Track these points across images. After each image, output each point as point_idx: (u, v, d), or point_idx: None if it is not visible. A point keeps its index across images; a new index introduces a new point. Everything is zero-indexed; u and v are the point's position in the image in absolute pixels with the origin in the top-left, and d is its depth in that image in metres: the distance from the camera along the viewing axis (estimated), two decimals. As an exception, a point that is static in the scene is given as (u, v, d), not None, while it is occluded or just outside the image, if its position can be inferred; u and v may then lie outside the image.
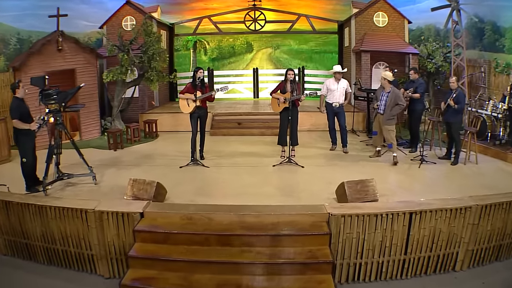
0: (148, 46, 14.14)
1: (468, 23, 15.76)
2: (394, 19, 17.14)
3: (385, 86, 10.94)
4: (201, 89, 10.66)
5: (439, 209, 6.37)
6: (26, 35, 16.74)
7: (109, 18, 17.42)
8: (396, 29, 17.16)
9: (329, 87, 11.93)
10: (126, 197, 7.85)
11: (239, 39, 22.43)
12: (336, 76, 11.89)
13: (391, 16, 17.10)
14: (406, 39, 17.14)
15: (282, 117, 11.08)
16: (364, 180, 7.91)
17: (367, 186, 7.84)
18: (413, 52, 16.12)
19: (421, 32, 18.46)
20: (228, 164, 11.00)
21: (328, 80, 12.15)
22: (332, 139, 12.37)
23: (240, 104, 18.34)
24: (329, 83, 11.98)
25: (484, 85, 14.32)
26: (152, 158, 11.76)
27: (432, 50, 16.40)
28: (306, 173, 10.05)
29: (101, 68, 15.54)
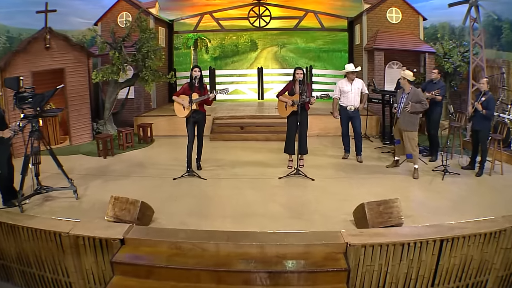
0: (143, 43, 13.12)
1: (485, 21, 14.81)
2: (408, 16, 16.35)
3: (405, 87, 9.75)
4: (199, 90, 9.54)
5: (472, 234, 5.43)
6: (16, 33, 16.06)
7: (103, 14, 16.70)
8: (411, 26, 16.36)
9: (342, 89, 10.80)
10: (106, 218, 6.88)
11: (243, 37, 21.47)
12: (349, 76, 10.76)
13: (405, 13, 16.32)
14: (421, 36, 16.30)
15: (289, 122, 9.93)
16: (388, 200, 6.76)
17: (391, 207, 6.71)
18: (430, 51, 15.25)
19: (435, 30, 17.67)
20: (228, 175, 9.82)
21: (341, 81, 11.02)
22: (345, 147, 11.24)
23: (244, 106, 17.16)
24: (342, 84, 10.85)
25: (505, 87, 13.44)
26: (144, 167, 10.65)
27: (449, 49, 15.46)
28: (316, 188, 8.85)
29: (94, 67, 14.61)
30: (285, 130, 10.32)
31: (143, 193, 8.18)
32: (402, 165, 10.24)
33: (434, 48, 15.54)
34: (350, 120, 10.87)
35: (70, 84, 12.87)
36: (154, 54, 13.23)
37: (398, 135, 9.94)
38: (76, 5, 17.37)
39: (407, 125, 9.50)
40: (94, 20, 16.84)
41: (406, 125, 9.51)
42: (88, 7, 17.62)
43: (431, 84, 10.91)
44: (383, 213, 6.61)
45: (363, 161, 10.79)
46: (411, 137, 9.52)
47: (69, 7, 16.63)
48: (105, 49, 13.23)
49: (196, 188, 8.89)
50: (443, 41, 15.91)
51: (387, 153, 11.59)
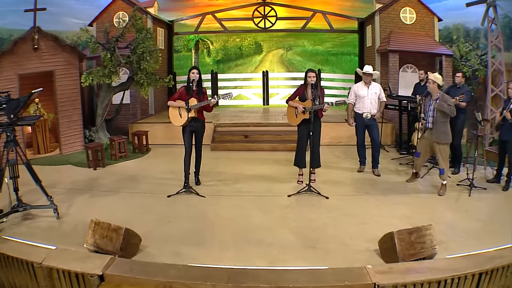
0: (138, 44, 12.08)
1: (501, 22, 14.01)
2: (423, 16, 15.50)
3: (434, 92, 8.60)
4: (197, 95, 8.47)
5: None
6: (7, 34, 15.60)
7: (99, 14, 15.86)
8: (425, 27, 15.52)
9: (357, 93, 9.73)
10: (86, 245, 5.86)
11: (247, 39, 20.82)
12: (365, 79, 9.66)
13: (420, 13, 15.47)
14: (436, 38, 15.44)
15: (300, 132, 8.88)
16: (420, 227, 5.72)
17: (423, 235, 5.68)
18: (447, 54, 14.38)
19: (448, 32, 17.06)
20: (230, 192, 8.66)
21: (356, 85, 9.95)
22: (360, 158, 10.14)
23: (248, 113, 16.08)
24: (357, 88, 9.77)
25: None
26: (136, 181, 9.58)
27: (465, 52, 14.68)
28: (332, 208, 7.72)
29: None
30: (294, 139, 9.47)
31: (132, 213, 7.37)
32: (424, 179, 9.38)
33: (451, 50, 14.72)
34: (366, 128, 9.81)
35: (60, 88, 11.98)
36: (150, 56, 12.20)
37: (422, 148, 8.87)
38: (71, 5, 16.84)
39: (440, 137, 8.45)
40: (89, 20, 15.99)
41: (439, 137, 8.45)
42: (83, 7, 17.05)
43: (455, 89, 9.88)
44: (415, 243, 5.59)
45: (381, 175, 9.75)
46: (443, 150, 8.52)
47: (63, 7, 16.26)
48: (97, 50, 12.28)
49: (193, 207, 7.76)
50: (459, 43, 15.15)
51: (406, 165, 10.61)
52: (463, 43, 15.06)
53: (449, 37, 16.67)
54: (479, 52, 14.56)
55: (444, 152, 8.50)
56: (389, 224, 6.66)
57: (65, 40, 12.19)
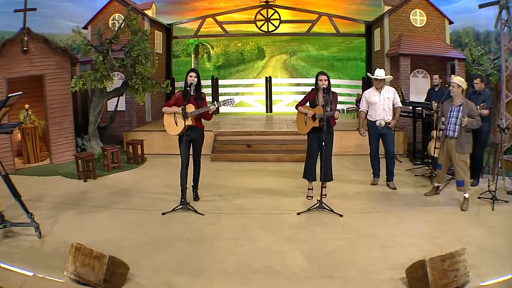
0: (132, 46, 11.31)
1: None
2: (433, 19, 14.93)
3: (457, 97, 7.82)
4: (195, 101, 7.65)
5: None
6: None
7: (94, 16, 15.22)
8: (436, 30, 14.94)
9: (368, 99, 8.92)
10: (66, 273, 5.07)
11: (249, 44, 20.30)
12: (377, 84, 8.87)
13: (430, 15, 14.90)
14: (447, 41, 14.84)
15: (310, 141, 8.11)
16: (453, 253, 4.99)
17: (457, 262, 4.97)
18: (460, 57, 13.81)
19: (458, 35, 16.76)
20: (232, 209, 7.82)
21: (367, 91, 9.15)
22: (374, 170, 9.33)
23: (250, 120, 15.32)
24: (369, 94, 8.98)
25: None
26: (129, 195, 8.75)
27: (478, 56, 14.24)
28: (347, 227, 6.89)
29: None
30: (301, 149, 9.38)
31: (122, 233, 6.59)
32: (442, 192, 8.57)
33: (463, 54, 14.16)
34: (380, 138, 9.00)
35: (51, 94, 11.28)
36: (145, 59, 11.45)
37: (443, 158, 8.12)
38: (65, 7, 16.53)
39: (463, 147, 7.73)
40: (84, 23, 15.31)
41: (462, 147, 7.73)
42: (78, 10, 16.58)
43: (475, 95, 9.07)
44: (448, 271, 4.84)
45: (397, 188, 8.96)
46: (464, 160, 7.79)
47: (57, 9, 16.02)
48: (89, 52, 11.55)
49: (191, 227, 6.90)
50: (471, 47, 14.76)
51: (422, 177, 9.84)
52: (474, 46, 14.65)
53: (459, 41, 16.45)
54: (492, 56, 14.14)
55: (465, 163, 7.80)
56: (412, 245, 6.04)
57: (56, 43, 11.54)
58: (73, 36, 14.89)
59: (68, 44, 15.34)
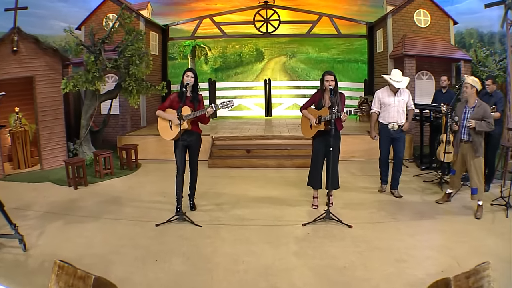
0: (126, 46, 10.76)
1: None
2: (438, 19, 14.61)
3: (471, 98, 7.36)
4: (192, 103, 7.12)
5: None
6: None
7: (88, 16, 14.80)
8: (440, 30, 14.65)
9: (382, 101, 8.27)
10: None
11: (247, 46, 19.63)
12: (393, 88, 8.16)
13: (434, 15, 14.58)
14: (452, 42, 14.52)
15: (316, 146, 7.54)
16: (478, 269, 4.37)
17: (481, 278, 4.31)
18: (466, 59, 13.52)
19: (461, 36, 16.31)
20: (232, 220, 7.23)
21: (381, 91, 8.45)
22: (382, 176, 8.75)
23: (249, 124, 14.73)
24: (382, 95, 8.31)
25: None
26: (121, 204, 8.18)
27: (483, 57, 13.94)
28: (357, 240, 6.33)
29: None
30: (303, 154, 9.25)
31: (112, 247, 6.04)
32: (454, 198, 8.10)
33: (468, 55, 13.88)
34: (391, 142, 8.39)
35: (41, 96, 10.77)
36: (140, 59, 10.88)
37: (458, 164, 7.65)
38: (59, 8, 16.00)
39: (478, 151, 7.29)
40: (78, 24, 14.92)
41: (478, 151, 7.29)
42: (72, 10, 16.09)
43: (487, 97, 8.57)
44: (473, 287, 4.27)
45: (403, 195, 8.40)
46: (479, 166, 7.34)
47: (50, 10, 15.56)
48: (81, 53, 11.03)
49: (187, 241, 6.29)
50: (476, 48, 14.46)
51: (431, 183, 9.32)
52: (479, 48, 14.33)
53: (462, 42, 16.07)
54: (497, 57, 13.79)
55: (480, 168, 7.35)
56: (428, 258, 5.59)
57: (46, 43, 11.02)
58: (66, 37, 14.48)
59: (61, 45, 14.81)
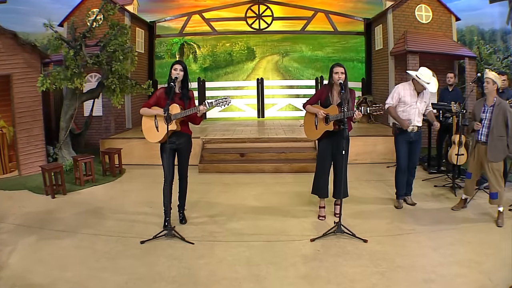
0: (109, 41, 9.93)
1: None
2: (440, 15, 14.00)
3: (490, 95, 6.68)
4: (181, 100, 6.23)
5: None
6: None
7: (70, 12, 13.92)
8: (442, 26, 14.03)
9: (403, 98, 7.16)
10: None
11: (238, 44, 18.91)
12: (419, 88, 7.06)
13: (436, 11, 13.96)
14: (454, 38, 13.94)
15: (322, 149, 6.68)
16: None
17: None
18: (470, 56, 12.95)
19: (461, 34, 15.90)
20: (229, 235, 6.29)
21: (402, 86, 7.27)
22: (399, 189, 7.55)
23: (242, 126, 13.90)
24: (404, 92, 7.17)
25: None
26: (102, 217, 7.20)
27: (486, 54, 13.99)
28: (376, 257, 5.47)
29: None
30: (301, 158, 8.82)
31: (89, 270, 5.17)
32: (470, 204, 7.43)
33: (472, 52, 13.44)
34: (410, 146, 7.37)
35: (19, 96, 9.91)
36: (123, 55, 10.02)
37: (474, 166, 7.05)
38: (42, 4, 15.41)
39: (496, 154, 6.64)
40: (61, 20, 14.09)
41: (496, 154, 6.64)
42: (55, 6, 15.41)
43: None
44: None
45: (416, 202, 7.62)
46: (498, 170, 6.73)
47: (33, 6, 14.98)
48: (60, 48, 10.18)
49: (177, 262, 5.35)
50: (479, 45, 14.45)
51: (443, 188, 8.60)
52: (482, 45, 14.27)
53: (462, 40, 15.80)
54: (501, 54, 13.80)
55: (498, 172, 6.73)
56: (458, 276, 4.90)
57: (25, 38, 10.17)
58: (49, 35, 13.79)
59: (43, 43, 14.10)
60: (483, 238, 6.09)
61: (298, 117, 15.83)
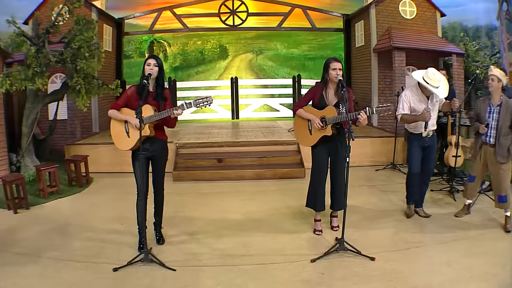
0: (74, 36, 9.08)
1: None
2: (424, 10, 13.64)
3: (496, 94, 6.28)
4: (156, 100, 5.39)
5: None
6: None
7: (36, 8, 13.03)
8: (427, 22, 13.68)
9: (413, 107, 6.39)
10: None
11: (210, 42, 18.18)
12: (427, 92, 6.28)
13: (420, 6, 13.60)
14: (439, 35, 13.64)
15: (318, 156, 5.94)
16: None
17: None
18: (458, 52, 12.63)
19: (443, 30, 15.20)
20: (215, 257, 5.40)
21: (409, 93, 6.44)
22: (411, 195, 6.84)
23: (216, 128, 13.06)
24: (413, 99, 6.38)
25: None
26: (69, 236, 6.29)
27: (473, 51, 13.73)
28: (388, 278, 4.77)
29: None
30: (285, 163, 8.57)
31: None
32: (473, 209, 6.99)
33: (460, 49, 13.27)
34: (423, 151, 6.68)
35: (-23, 98, 9.01)
36: (89, 52, 9.12)
37: (479, 170, 6.69)
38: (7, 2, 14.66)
39: (505, 155, 6.30)
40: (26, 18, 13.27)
41: (504, 155, 6.30)
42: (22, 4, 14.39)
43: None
44: None
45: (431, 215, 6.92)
46: (506, 171, 6.41)
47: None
48: (23, 45, 9.22)
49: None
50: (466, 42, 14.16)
51: (440, 192, 8.11)
52: (468, 41, 14.01)
53: (445, 36, 15.28)
54: (488, 51, 13.75)
55: (507, 174, 6.41)
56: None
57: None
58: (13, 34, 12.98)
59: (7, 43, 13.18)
60: (495, 247, 5.71)
61: (275, 118, 15.28)
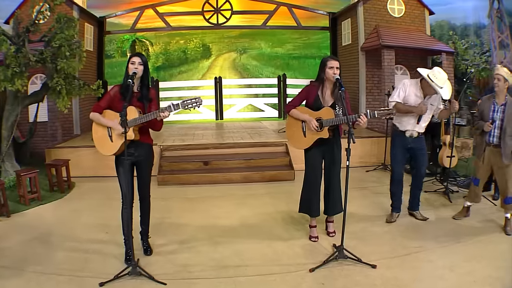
0: (54, 34, 8.72)
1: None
2: (412, 8, 13.59)
3: (501, 93, 6.15)
4: (140, 102, 5.05)
5: None
6: None
7: (17, 7, 12.54)
8: (415, 21, 13.65)
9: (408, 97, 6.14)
10: None
11: (193, 41, 17.87)
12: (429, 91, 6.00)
13: (409, 4, 13.54)
14: (427, 33, 13.60)
15: (312, 159, 5.68)
16: None
17: None
18: (448, 51, 12.60)
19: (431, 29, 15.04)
20: (208, 269, 5.07)
21: (409, 83, 6.23)
22: (394, 201, 6.65)
23: (200, 130, 12.76)
24: (409, 90, 6.15)
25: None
26: (51, 246, 5.90)
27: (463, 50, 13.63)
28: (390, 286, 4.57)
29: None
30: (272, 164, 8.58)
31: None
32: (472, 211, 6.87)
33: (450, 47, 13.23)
34: (409, 153, 6.45)
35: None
36: (70, 51, 8.75)
37: (484, 172, 6.56)
38: None
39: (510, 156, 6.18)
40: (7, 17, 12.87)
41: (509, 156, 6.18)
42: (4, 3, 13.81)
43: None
44: None
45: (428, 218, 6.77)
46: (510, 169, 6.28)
47: None
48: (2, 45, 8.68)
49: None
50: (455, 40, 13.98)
51: (434, 193, 8.06)
52: (457, 40, 13.91)
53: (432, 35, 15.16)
54: (478, 49, 13.56)
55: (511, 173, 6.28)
56: None
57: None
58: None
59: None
60: (496, 250, 5.67)
61: (259, 118, 15.04)
